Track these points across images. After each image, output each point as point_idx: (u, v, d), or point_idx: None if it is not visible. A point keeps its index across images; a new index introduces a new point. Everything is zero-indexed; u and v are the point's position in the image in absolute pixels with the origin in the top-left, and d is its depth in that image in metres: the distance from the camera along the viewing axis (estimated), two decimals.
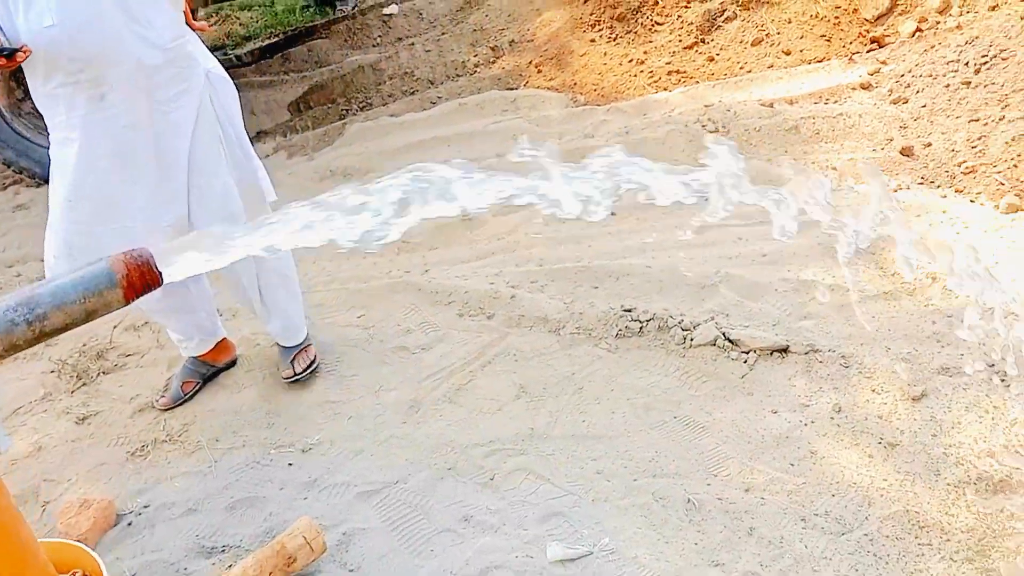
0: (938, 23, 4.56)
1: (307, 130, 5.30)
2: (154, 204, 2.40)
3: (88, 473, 2.65)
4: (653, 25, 5.37)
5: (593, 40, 5.43)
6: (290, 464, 2.56)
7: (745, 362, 2.68)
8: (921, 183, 3.57)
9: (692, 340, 2.76)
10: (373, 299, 3.31)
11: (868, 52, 4.69)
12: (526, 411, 2.63)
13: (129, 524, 2.42)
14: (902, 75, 4.28)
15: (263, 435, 2.69)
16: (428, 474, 2.44)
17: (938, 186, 3.53)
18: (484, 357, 2.88)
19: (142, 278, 0.48)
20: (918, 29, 4.62)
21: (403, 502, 2.36)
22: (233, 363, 3.03)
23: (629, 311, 2.91)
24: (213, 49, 3.12)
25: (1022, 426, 2.29)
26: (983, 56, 3.95)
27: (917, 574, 1.98)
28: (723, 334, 2.75)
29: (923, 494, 2.18)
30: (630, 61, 5.13)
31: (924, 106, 3.97)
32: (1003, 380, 2.45)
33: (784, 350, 2.70)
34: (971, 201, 3.36)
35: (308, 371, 2.88)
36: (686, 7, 5.38)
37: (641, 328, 2.85)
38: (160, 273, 0.49)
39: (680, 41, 5.13)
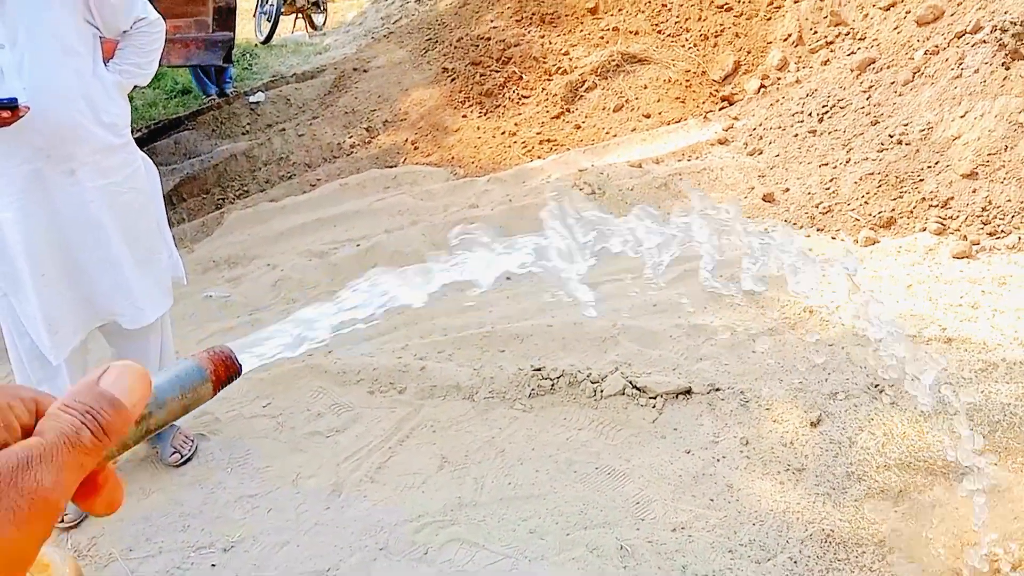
0: (779, 79, 5.00)
1: (183, 223, 5.18)
2: (115, 270, 2.55)
3: None
4: (520, 99, 5.62)
5: (465, 116, 5.62)
6: (213, 565, 2.46)
7: (654, 407, 2.80)
8: (785, 225, 3.86)
9: (602, 392, 2.87)
10: (277, 386, 3.25)
11: (720, 110, 5.08)
12: (451, 481, 2.64)
13: None
14: (754, 129, 4.65)
15: (180, 538, 2.57)
16: (360, 557, 2.41)
17: (801, 227, 3.84)
18: (401, 432, 2.88)
19: (227, 371, 0.52)
20: (762, 86, 5.04)
21: None
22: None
23: (539, 370, 2.99)
24: None
25: (911, 439, 2.49)
26: (823, 106, 4.36)
27: None
28: (630, 383, 2.87)
29: (833, 512, 2.33)
30: (503, 133, 5.34)
31: (778, 155, 4.32)
32: (887, 398, 2.66)
33: (688, 392, 2.84)
34: (832, 238, 3.67)
35: (194, 450, 2.93)
36: (548, 80, 5.67)
37: (552, 385, 2.93)
38: (240, 365, 0.53)
39: (547, 112, 5.39)
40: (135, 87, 2.71)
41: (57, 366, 2.54)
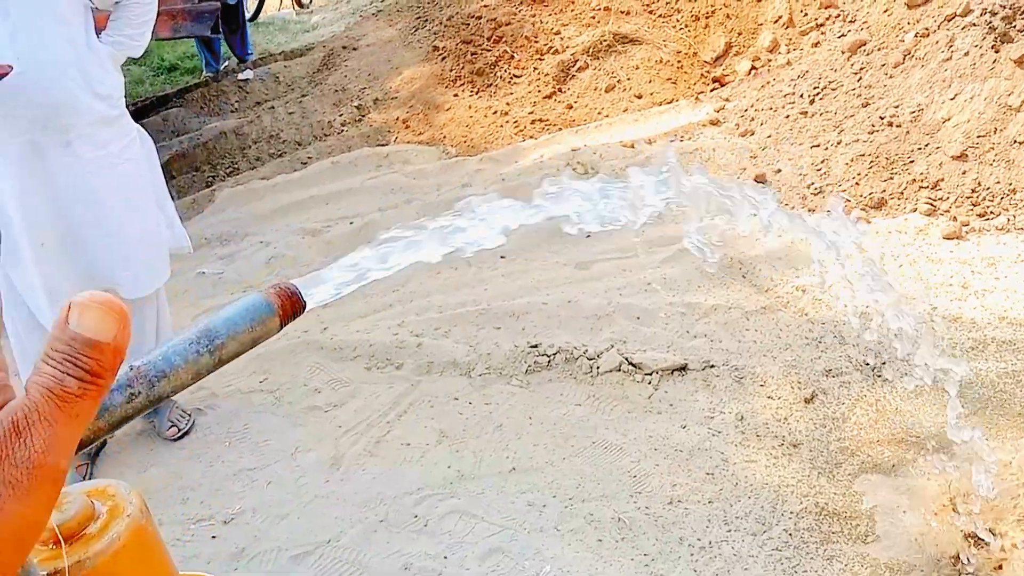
0: (770, 60, 5.02)
1: (173, 200, 5.14)
2: (113, 241, 2.56)
3: None
4: (511, 78, 5.61)
5: (456, 94, 5.61)
6: (213, 537, 2.47)
7: (649, 383, 2.83)
8: (778, 206, 3.90)
9: (598, 368, 2.90)
10: (274, 362, 3.26)
11: (711, 91, 5.10)
12: (450, 454, 2.66)
13: None
14: (745, 110, 4.67)
15: (179, 511, 2.58)
16: (360, 529, 2.43)
17: (793, 208, 3.87)
18: (399, 407, 2.90)
19: (293, 306, 0.53)
20: (753, 67, 5.06)
21: (339, 559, 2.33)
22: (105, 441, 2.92)
23: (535, 347, 3.02)
24: None
25: (903, 415, 2.54)
26: (814, 88, 4.39)
27: (835, 558, 2.15)
28: (626, 359, 2.90)
29: (827, 487, 2.38)
30: (494, 112, 5.33)
31: (769, 136, 4.35)
32: (879, 375, 2.71)
33: (683, 368, 2.88)
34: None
35: (191, 425, 2.94)
36: (540, 59, 5.66)
37: (549, 361, 2.96)
38: (305, 301, 0.54)
39: (539, 91, 5.39)
40: (127, 59, 2.70)
41: None
